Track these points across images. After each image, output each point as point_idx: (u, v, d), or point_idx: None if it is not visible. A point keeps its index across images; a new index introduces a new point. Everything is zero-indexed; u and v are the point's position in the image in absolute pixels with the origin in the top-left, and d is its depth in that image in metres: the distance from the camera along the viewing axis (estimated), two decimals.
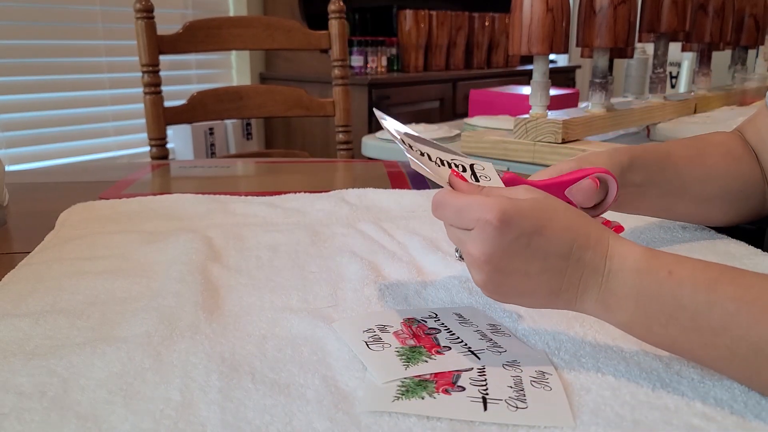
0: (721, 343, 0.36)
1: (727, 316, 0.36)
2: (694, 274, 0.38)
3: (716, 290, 0.37)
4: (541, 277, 0.40)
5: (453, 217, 0.41)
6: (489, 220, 0.39)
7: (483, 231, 0.39)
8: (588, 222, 0.41)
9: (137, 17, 1.29)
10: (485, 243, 0.39)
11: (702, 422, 0.35)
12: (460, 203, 0.41)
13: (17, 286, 0.53)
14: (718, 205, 0.63)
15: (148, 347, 0.42)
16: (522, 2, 0.93)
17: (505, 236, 0.39)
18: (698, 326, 0.37)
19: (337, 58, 1.45)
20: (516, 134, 1.00)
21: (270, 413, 0.36)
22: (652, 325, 0.38)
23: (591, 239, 0.40)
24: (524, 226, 0.39)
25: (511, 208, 0.39)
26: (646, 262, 0.39)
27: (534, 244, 0.39)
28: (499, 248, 0.39)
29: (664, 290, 0.38)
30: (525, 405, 0.37)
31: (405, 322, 0.46)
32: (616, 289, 0.39)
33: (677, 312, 0.37)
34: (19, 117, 2.12)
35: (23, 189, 0.88)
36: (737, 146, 0.64)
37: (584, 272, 0.40)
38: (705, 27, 1.26)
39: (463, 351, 0.42)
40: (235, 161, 1.22)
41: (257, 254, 0.61)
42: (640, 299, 0.38)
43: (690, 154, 0.62)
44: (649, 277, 0.38)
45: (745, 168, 0.63)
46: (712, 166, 0.62)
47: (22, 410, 0.36)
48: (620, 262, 0.39)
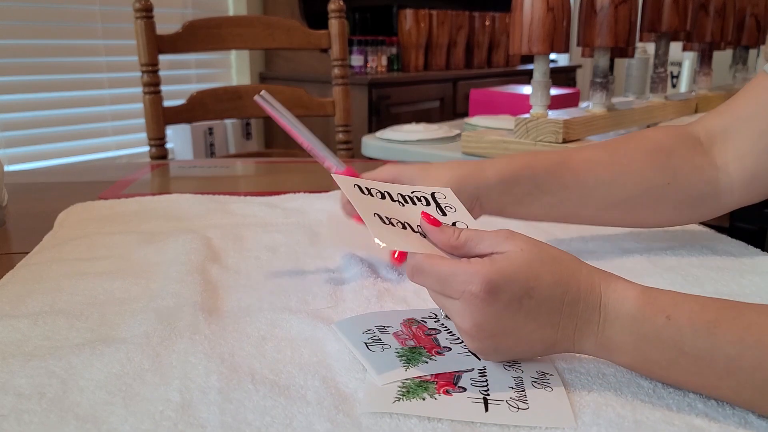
0: (725, 386, 0.36)
1: (730, 361, 0.35)
2: (692, 318, 0.36)
3: (716, 334, 0.36)
4: (535, 335, 0.39)
5: (435, 285, 0.40)
6: (475, 292, 0.37)
7: (470, 303, 0.38)
8: (577, 270, 0.40)
9: (137, 17, 1.29)
10: (474, 315, 0.38)
11: (703, 422, 0.35)
12: (443, 272, 0.39)
13: (16, 286, 0.53)
14: (640, 205, 0.59)
15: (147, 348, 0.42)
16: (523, 2, 0.92)
17: (493, 306, 0.37)
18: (701, 371, 0.36)
19: (337, 57, 1.45)
20: (516, 134, 1.00)
21: (270, 414, 0.35)
22: (653, 368, 0.38)
23: (581, 290, 0.39)
24: (512, 291, 0.38)
25: (496, 277, 0.37)
26: (642, 309, 0.38)
27: (525, 306, 0.38)
28: (489, 318, 0.38)
29: (663, 337, 0.37)
30: (526, 406, 0.36)
31: (405, 322, 0.46)
32: (614, 336, 0.38)
33: (679, 357, 0.37)
34: (18, 117, 2.12)
35: (22, 189, 0.88)
36: (667, 140, 0.59)
37: (578, 323, 0.39)
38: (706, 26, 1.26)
39: (463, 352, 0.42)
40: (234, 161, 1.21)
41: (257, 254, 0.61)
42: (639, 345, 0.38)
43: (598, 156, 0.59)
44: (647, 324, 0.37)
45: (676, 161, 0.58)
46: (627, 165, 0.58)
47: (21, 411, 0.35)
48: (615, 310, 0.38)
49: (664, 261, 0.59)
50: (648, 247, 0.63)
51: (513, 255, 0.39)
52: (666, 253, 0.61)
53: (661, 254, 0.61)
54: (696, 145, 0.59)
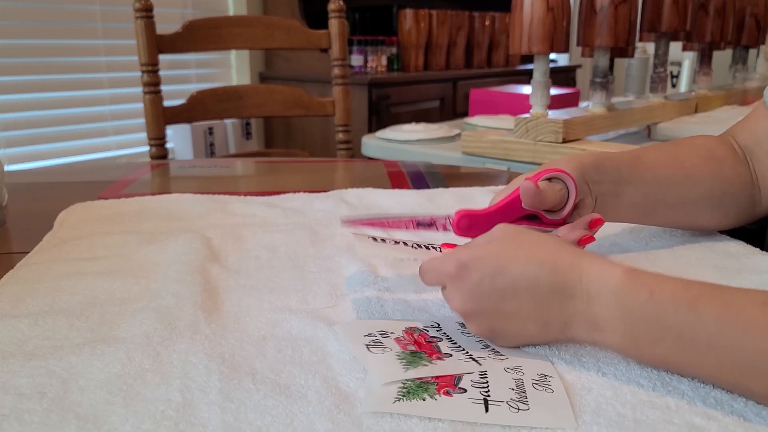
0: (707, 362, 0.37)
1: (711, 336, 0.36)
2: (675, 294, 0.37)
3: (698, 309, 0.36)
4: (521, 312, 0.40)
5: (434, 278, 0.45)
6: (449, 272, 0.42)
7: (450, 284, 0.43)
8: (555, 250, 0.41)
9: (137, 17, 1.29)
10: (456, 294, 0.42)
11: (703, 421, 0.35)
12: (433, 264, 0.44)
13: (16, 286, 0.53)
14: (701, 208, 0.61)
15: (147, 348, 0.42)
16: (522, 1, 0.92)
17: (468, 282, 0.41)
18: (684, 346, 0.37)
19: (337, 57, 1.45)
20: (516, 134, 1.00)
21: (271, 414, 0.35)
22: (642, 345, 0.39)
23: (559, 266, 0.40)
24: (483, 269, 0.41)
25: (466, 257, 0.42)
26: (627, 284, 0.38)
27: (498, 283, 0.40)
28: (467, 295, 0.41)
29: (647, 311, 0.37)
30: (527, 407, 0.36)
31: (407, 330, 0.46)
32: (600, 311, 0.39)
33: (663, 332, 0.37)
34: (18, 117, 2.12)
35: (22, 189, 0.88)
36: (718, 148, 0.62)
37: (562, 298, 0.40)
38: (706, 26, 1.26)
39: (464, 358, 0.42)
40: (234, 161, 1.21)
41: (256, 254, 0.61)
42: (626, 320, 0.38)
43: (665, 157, 0.61)
44: (630, 299, 0.38)
45: (728, 170, 0.61)
46: (690, 168, 0.60)
47: (21, 411, 0.35)
48: (599, 285, 0.39)
49: (663, 260, 0.59)
50: (647, 246, 0.63)
51: (489, 238, 0.44)
52: (666, 252, 0.61)
53: (661, 254, 0.61)
54: (738, 156, 0.62)
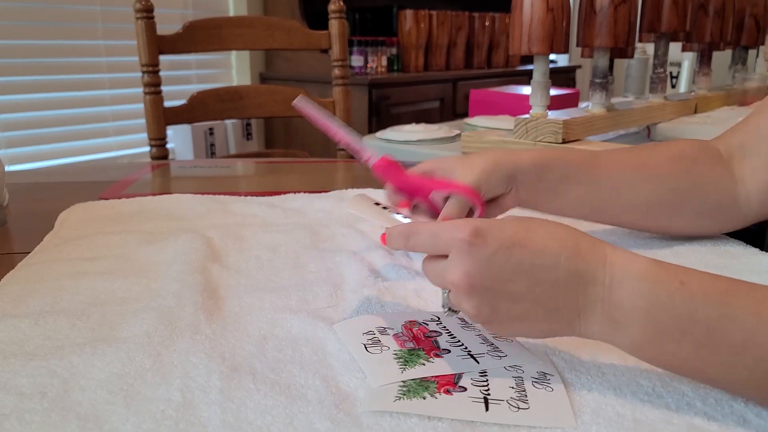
0: (740, 363, 0.34)
1: (746, 333, 0.33)
2: (705, 285, 0.35)
3: (730, 303, 0.34)
4: (532, 293, 0.37)
5: (428, 242, 0.40)
6: (463, 237, 0.37)
7: (459, 251, 0.37)
8: (576, 233, 0.38)
9: (137, 17, 1.29)
10: (463, 263, 0.37)
11: (702, 421, 0.35)
12: (433, 228, 0.40)
13: (17, 286, 0.53)
14: (665, 208, 0.60)
15: (148, 347, 0.42)
16: (522, 2, 0.93)
17: (482, 251, 0.37)
18: (715, 343, 0.34)
19: (337, 58, 1.45)
20: (516, 134, 1.00)
21: (271, 414, 0.35)
22: (664, 341, 0.35)
23: (581, 248, 0.37)
24: (501, 239, 0.37)
25: (484, 224, 0.38)
26: (654, 271, 0.36)
27: (516, 257, 0.36)
28: (479, 266, 0.37)
29: (677, 302, 0.34)
30: (527, 405, 0.36)
31: (406, 324, 0.46)
32: (623, 300, 0.36)
33: (692, 327, 0.34)
34: (19, 117, 2.12)
35: (23, 189, 0.88)
36: (691, 149, 0.61)
37: (580, 284, 0.36)
38: (705, 27, 1.26)
39: (462, 354, 0.42)
40: (235, 161, 1.22)
41: (257, 254, 0.61)
42: (651, 311, 0.35)
43: (626, 157, 0.60)
44: (660, 286, 0.35)
45: (699, 170, 0.59)
46: (653, 168, 0.59)
47: (22, 411, 0.36)
48: (623, 270, 0.36)
49: (663, 260, 0.59)
50: (647, 247, 0.63)
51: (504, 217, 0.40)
52: (665, 252, 0.61)
53: (661, 254, 0.61)
54: (717, 157, 0.60)
